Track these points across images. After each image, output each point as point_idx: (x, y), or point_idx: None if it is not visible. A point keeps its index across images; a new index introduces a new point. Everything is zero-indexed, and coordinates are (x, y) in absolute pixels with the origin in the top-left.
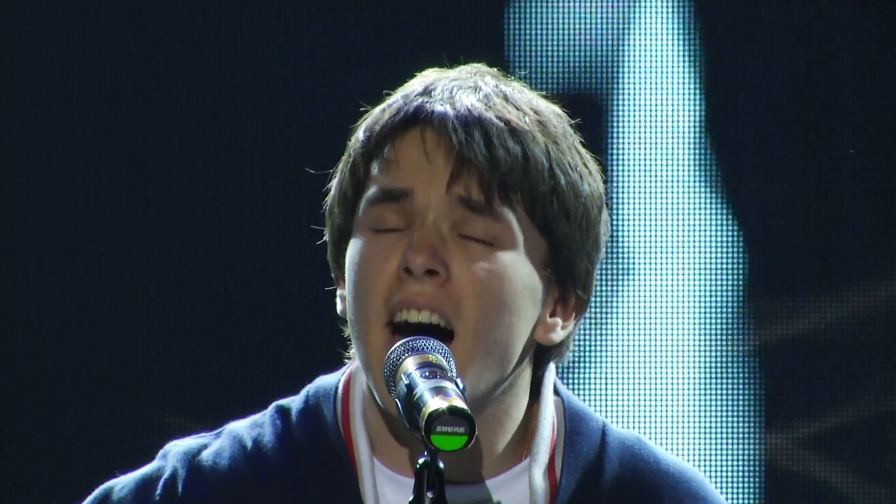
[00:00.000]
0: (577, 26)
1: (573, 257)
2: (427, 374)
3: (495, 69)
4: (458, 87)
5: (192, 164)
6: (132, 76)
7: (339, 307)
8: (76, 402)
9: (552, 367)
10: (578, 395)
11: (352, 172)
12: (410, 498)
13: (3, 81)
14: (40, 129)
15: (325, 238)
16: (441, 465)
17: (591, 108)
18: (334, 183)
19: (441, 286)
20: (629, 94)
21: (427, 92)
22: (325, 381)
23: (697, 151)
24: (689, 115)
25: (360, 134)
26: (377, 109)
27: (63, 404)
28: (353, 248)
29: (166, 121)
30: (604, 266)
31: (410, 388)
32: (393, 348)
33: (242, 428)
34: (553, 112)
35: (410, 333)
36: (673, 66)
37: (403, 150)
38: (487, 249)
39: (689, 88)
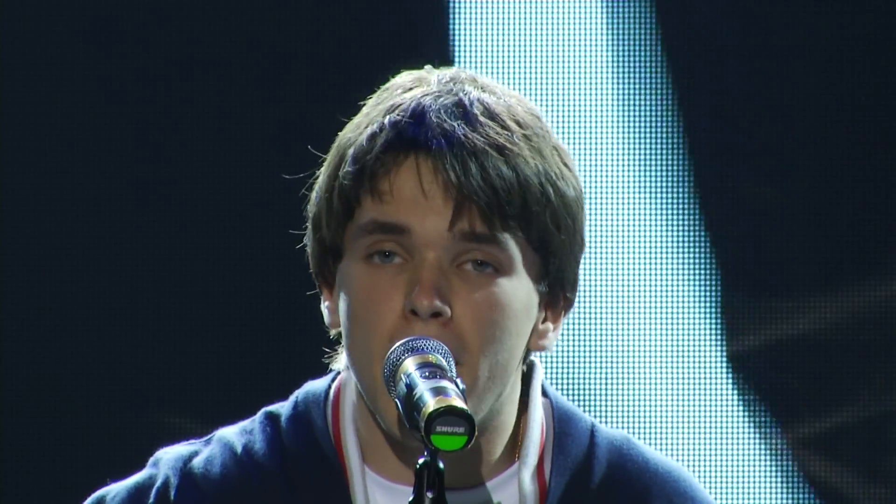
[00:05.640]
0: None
1: (564, 264)
2: (427, 374)
3: (470, 72)
4: (444, 109)
5: (192, 165)
6: (132, 76)
7: (327, 319)
8: (75, 402)
9: (540, 369)
10: (567, 395)
11: (340, 196)
12: (410, 499)
13: (3, 81)
14: (40, 129)
15: (305, 243)
16: (441, 465)
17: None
18: (317, 193)
19: (445, 325)
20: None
21: (415, 117)
22: (313, 386)
23: (671, 150)
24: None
25: (347, 160)
26: (364, 137)
27: (62, 404)
28: (349, 276)
29: (166, 121)
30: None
31: (410, 388)
32: (393, 349)
33: (232, 434)
34: (531, 115)
35: None
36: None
37: (399, 183)
38: (489, 277)
39: (658, 82)
